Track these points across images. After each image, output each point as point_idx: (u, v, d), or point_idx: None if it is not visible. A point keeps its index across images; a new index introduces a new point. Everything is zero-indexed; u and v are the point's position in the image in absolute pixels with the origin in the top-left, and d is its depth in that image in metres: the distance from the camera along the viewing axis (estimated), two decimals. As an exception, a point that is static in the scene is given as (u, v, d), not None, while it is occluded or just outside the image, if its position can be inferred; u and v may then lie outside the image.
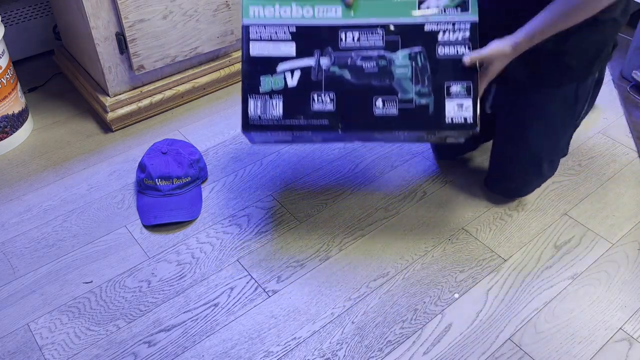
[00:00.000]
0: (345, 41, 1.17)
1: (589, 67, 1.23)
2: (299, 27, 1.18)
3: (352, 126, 1.16)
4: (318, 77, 1.17)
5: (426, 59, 1.16)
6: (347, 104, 1.16)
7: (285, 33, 1.17)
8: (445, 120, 1.15)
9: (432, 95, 1.15)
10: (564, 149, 1.39)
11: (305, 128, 1.16)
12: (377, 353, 1.12)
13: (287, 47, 1.17)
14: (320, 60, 1.17)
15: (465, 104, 1.14)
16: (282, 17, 1.18)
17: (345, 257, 1.30)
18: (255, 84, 1.16)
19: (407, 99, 1.15)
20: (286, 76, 1.16)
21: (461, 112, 1.14)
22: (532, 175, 1.37)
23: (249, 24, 1.18)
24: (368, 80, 1.16)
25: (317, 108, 1.16)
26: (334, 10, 1.18)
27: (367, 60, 1.17)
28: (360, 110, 1.16)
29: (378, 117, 1.16)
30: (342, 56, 1.17)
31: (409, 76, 1.16)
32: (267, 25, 1.18)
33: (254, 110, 1.16)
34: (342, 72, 1.16)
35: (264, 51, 1.17)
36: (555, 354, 1.11)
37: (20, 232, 1.36)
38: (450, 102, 1.14)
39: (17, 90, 1.60)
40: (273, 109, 1.16)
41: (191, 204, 1.40)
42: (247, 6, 1.18)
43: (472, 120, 1.14)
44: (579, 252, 1.31)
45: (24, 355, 1.12)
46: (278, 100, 1.16)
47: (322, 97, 1.16)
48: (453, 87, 1.15)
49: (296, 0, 1.18)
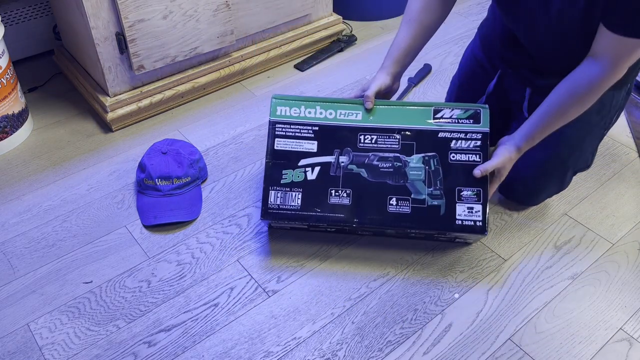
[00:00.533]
0: (363, 142, 1.27)
1: (626, 77, 1.22)
2: (321, 126, 1.28)
3: (367, 221, 1.23)
4: (337, 173, 1.25)
5: (439, 164, 1.24)
6: (363, 200, 1.24)
7: (308, 132, 1.27)
8: (455, 222, 1.22)
9: (443, 198, 1.23)
10: (588, 160, 1.36)
11: (322, 220, 1.23)
12: (377, 353, 1.12)
13: (309, 144, 1.27)
14: (340, 158, 1.26)
15: (475, 208, 1.22)
16: (307, 117, 1.28)
17: (345, 257, 1.30)
18: (277, 177, 1.25)
19: (420, 199, 1.23)
20: (307, 171, 1.25)
21: (471, 215, 1.22)
22: (554, 183, 1.35)
23: (275, 121, 1.27)
24: (383, 179, 1.25)
25: (333, 202, 1.24)
26: (354, 114, 1.28)
27: (383, 161, 1.26)
28: (374, 206, 1.23)
29: (391, 214, 1.23)
30: (360, 155, 1.26)
31: (422, 178, 1.24)
32: (292, 123, 1.27)
33: (273, 200, 1.24)
34: (360, 171, 1.25)
35: (287, 146, 1.26)
36: (555, 354, 1.11)
37: (20, 232, 1.36)
38: (461, 205, 1.22)
39: (17, 90, 1.60)
40: (292, 200, 1.24)
41: (191, 204, 1.40)
42: (275, 106, 1.29)
43: (482, 224, 1.21)
44: (579, 252, 1.30)
45: (24, 355, 1.12)
46: (297, 192, 1.24)
47: (339, 192, 1.24)
48: (464, 192, 1.23)
49: (320, 103, 1.29)
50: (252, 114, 1.71)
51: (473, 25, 2.08)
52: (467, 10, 2.19)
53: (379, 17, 2.14)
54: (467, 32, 2.05)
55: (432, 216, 1.22)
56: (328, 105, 1.28)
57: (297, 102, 1.29)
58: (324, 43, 2.00)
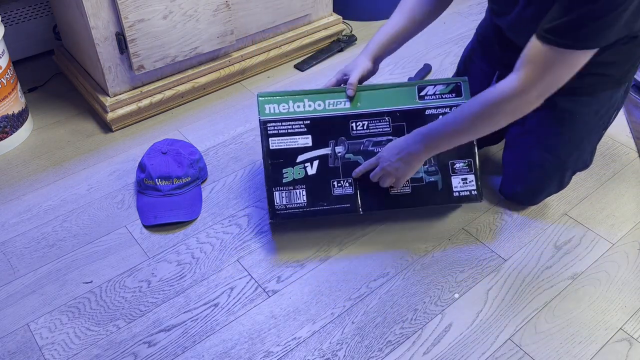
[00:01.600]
0: (356, 129, 1.29)
1: (624, 76, 1.22)
2: (312, 119, 1.29)
3: (371, 206, 1.28)
4: (335, 164, 1.28)
5: None
6: (365, 187, 1.27)
7: (300, 126, 1.28)
8: (453, 195, 1.30)
9: (439, 174, 1.29)
10: (587, 159, 1.37)
11: (329, 212, 1.27)
12: (377, 353, 1.12)
13: (303, 139, 1.28)
14: (336, 148, 1.29)
15: (469, 178, 1.30)
16: (296, 112, 1.29)
17: (345, 257, 1.30)
18: (278, 177, 1.27)
19: (418, 177, 1.29)
20: (306, 166, 1.27)
21: (466, 185, 1.30)
22: (553, 184, 1.35)
23: (266, 120, 1.29)
24: None
25: (337, 193, 1.27)
26: (342, 102, 1.30)
27: (378, 146, 1.29)
28: (377, 191, 1.27)
29: (393, 196, 1.29)
30: (355, 143, 1.29)
31: None
32: (283, 120, 1.29)
33: (279, 200, 1.27)
34: (357, 158, 1.28)
35: (282, 145, 1.28)
36: (555, 354, 1.11)
37: (20, 232, 1.36)
38: (456, 178, 1.30)
39: (17, 90, 1.60)
40: (298, 198, 1.26)
41: (191, 204, 1.40)
42: (262, 104, 1.30)
43: (477, 192, 1.30)
44: (579, 252, 1.30)
45: (24, 355, 1.12)
46: (301, 189, 1.26)
47: (341, 182, 1.27)
48: (457, 164, 1.30)
49: (308, 96, 1.30)
50: (252, 114, 1.71)
51: (473, 25, 2.08)
52: (467, 10, 2.19)
53: (379, 17, 2.14)
54: (467, 32, 2.05)
55: (431, 192, 1.29)
56: (315, 97, 1.30)
57: (284, 98, 1.30)
58: (324, 43, 2.00)
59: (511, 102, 1.06)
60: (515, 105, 1.07)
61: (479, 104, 1.10)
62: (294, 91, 1.31)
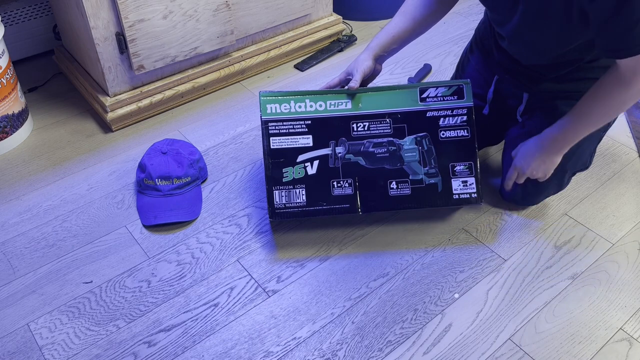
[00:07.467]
0: (357, 130, 1.30)
1: None
2: (314, 120, 1.29)
3: (371, 207, 1.28)
4: (335, 165, 1.28)
5: (431, 143, 1.30)
6: (364, 188, 1.28)
7: (301, 126, 1.29)
8: (453, 197, 1.30)
9: (439, 176, 1.29)
10: (586, 161, 1.37)
11: (328, 212, 1.28)
12: (377, 353, 1.12)
13: (304, 139, 1.28)
14: (336, 149, 1.29)
15: (469, 181, 1.30)
16: (298, 112, 1.29)
17: (345, 257, 1.30)
18: (278, 176, 1.27)
19: (418, 179, 1.29)
20: (306, 166, 1.28)
21: (466, 188, 1.30)
22: (552, 185, 1.35)
23: (268, 120, 1.29)
24: (381, 165, 1.29)
25: (337, 193, 1.27)
26: (344, 103, 1.30)
27: (378, 147, 1.29)
28: (376, 192, 1.28)
29: (393, 198, 1.29)
30: (356, 144, 1.29)
31: (417, 159, 1.29)
32: (284, 120, 1.29)
33: (279, 199, 1.27)
34: (357, 159, 1.29)
35: (283, 144, 1.28)
36: (555, 354, 1.11)
37: (20, 232, 1.36)
38: (456, 180, 1.29)
39: (17, 90, 1.60)
40: (297, 198, 1.26)
41: (191, 204, 1.40)
42: (264, 104, 1.30)
43: (477, 195, 1.30)
44: (579, 252, 1.30)
45: (24, 355, 1.12)
46: (301, 189, 1.26)
47: (341, 183, 1.28)
48: (457, 167, 1.30)
49: (309, 96, 1.30)
50: (252, 114, 1.71)
51: (473, 25, 2.08)
52: (467, 10, 2.19)
53: (379, 17, 2.14)
54: (467, 32, 2.05)
55: (431, 194, 1.29)
56: (317, 98, 1.30)
57: (286, 98, 1.30)
58: (324, 43, 2.00)
59: (622, 92, 1.09)
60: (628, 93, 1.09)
61: (590, 94, 1.14)
62: (295, 91, 1.32)
